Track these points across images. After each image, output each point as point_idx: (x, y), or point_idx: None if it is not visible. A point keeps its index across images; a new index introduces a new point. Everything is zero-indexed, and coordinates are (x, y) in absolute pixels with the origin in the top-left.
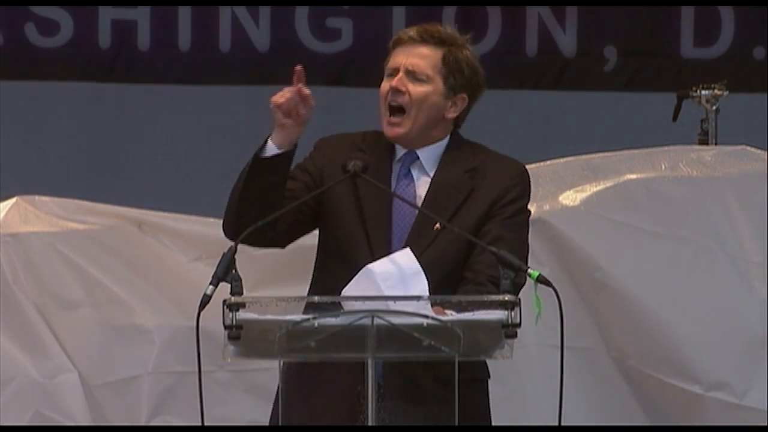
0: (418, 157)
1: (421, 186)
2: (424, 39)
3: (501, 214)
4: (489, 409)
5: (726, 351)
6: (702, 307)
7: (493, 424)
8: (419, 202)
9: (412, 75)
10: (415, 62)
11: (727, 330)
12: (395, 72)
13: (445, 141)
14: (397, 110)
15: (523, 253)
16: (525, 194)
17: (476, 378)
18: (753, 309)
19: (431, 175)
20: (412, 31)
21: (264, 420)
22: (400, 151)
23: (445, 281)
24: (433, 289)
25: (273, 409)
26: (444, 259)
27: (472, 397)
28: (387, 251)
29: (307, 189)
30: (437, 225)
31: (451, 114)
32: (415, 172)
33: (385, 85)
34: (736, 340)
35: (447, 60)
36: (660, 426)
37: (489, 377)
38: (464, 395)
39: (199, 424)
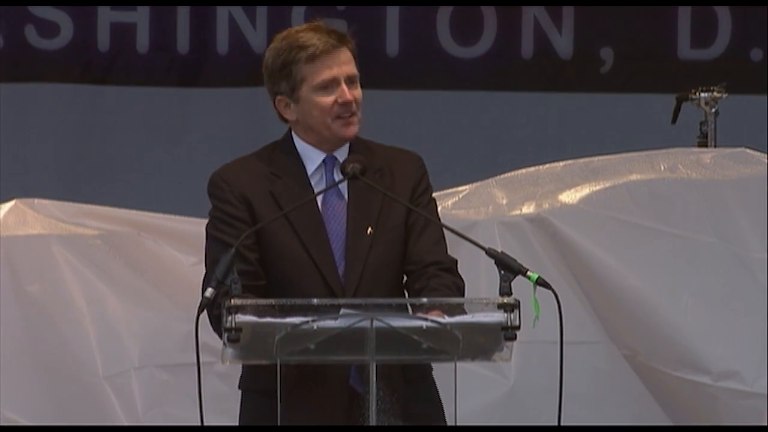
0: (337, 159)
1: (344, 190)
2: (340, 41)
3: (420, 202)
4: (439, 397)
5: (734, 341)
6: (707, 299)
7: (498, 421)
8: (346, 206)
9: (350, 80)
10: (349, 69)
11: (733, 320)
12: (334, 83)
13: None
14: (350, 114)
15: (442, 234)
16: (428, 179)
17: (424, 376)
18: (758, 298)
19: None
20: (329, 40)
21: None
22: (317, 159)
23: (396, 279)
24: (387, 290)
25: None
26: (388, 260)
27: (426, 392)
28: (333, 266)
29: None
30: (369, 228)
31: None
32: (336, 177)
33: (328, 100)
34: (743, 329)
35: (354, 55)
36: (660, 426)
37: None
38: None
39: (198, 418)
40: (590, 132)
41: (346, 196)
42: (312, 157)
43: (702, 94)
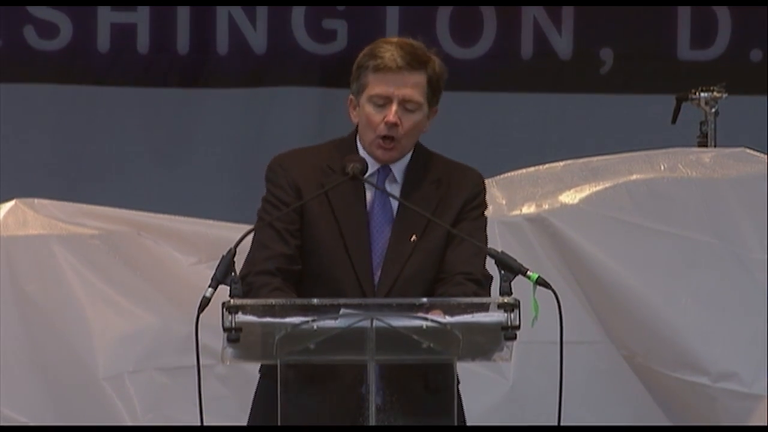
0: (390, 171)
1: (394, 199)
2: (411, 64)
3: (468, 217)
4: (463, 410)
5: (733, 342)
6: (706, 300)
7: (498, 421)
8: (394, 215)
9: (404, 106)
10: (408, 93)
11: (732, 321)
12: (386, 102)
13: (410, 152)
14: (390, 139)
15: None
16: (485, 199)
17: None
18: (757, 299)
19: (400, 187)
20: (398, 58)
21: None
22: (372, 167)
23: (430, 290)
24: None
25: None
26: (425, 269)
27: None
28: (369, 268)
29: (299, 216)
30: (413, 237)
31: (427, 128)
32: (388, 187)
33: (377, 116)
34: (742, 330)
35: (431, 82)
36: (660, 426)
37: (459, 382)
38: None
39: (197, 422)
40: (590, 132)
41: (395, 205)
42: (369, 160)
43: (702, 94)
